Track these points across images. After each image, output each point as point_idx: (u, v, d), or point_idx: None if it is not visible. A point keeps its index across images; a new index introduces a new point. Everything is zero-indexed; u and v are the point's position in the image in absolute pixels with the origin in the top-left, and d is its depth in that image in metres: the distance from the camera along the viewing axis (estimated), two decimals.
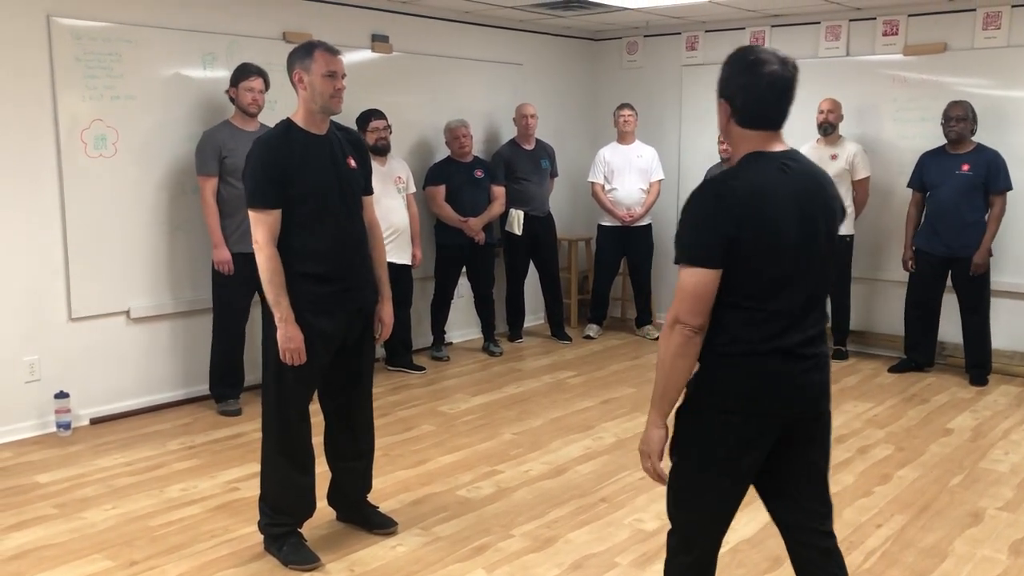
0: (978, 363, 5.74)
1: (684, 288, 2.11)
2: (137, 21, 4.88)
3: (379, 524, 3.52)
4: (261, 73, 4.93)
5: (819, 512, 2.33)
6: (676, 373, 2.16)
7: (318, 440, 3.39)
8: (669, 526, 2.36)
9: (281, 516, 3.27)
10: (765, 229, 2.10)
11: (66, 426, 4.70)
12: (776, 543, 3.42)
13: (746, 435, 2.18)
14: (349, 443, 3.46)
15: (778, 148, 2.19)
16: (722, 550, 3.36)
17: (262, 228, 3.07)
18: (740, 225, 2.08)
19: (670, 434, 2.24)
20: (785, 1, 6.12)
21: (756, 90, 2.13)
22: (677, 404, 2.24)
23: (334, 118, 3.25)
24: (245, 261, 4.85)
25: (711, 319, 2.13)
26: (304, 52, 3.12)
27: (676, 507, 2.32)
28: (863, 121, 6.40)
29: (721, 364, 2.17)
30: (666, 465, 2.26)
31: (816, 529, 2.33)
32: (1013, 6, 5.81)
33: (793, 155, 2.21)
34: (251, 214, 3.09)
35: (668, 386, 2.18)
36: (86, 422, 4.87)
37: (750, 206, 2.09)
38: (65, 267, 4.73)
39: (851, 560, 3.30)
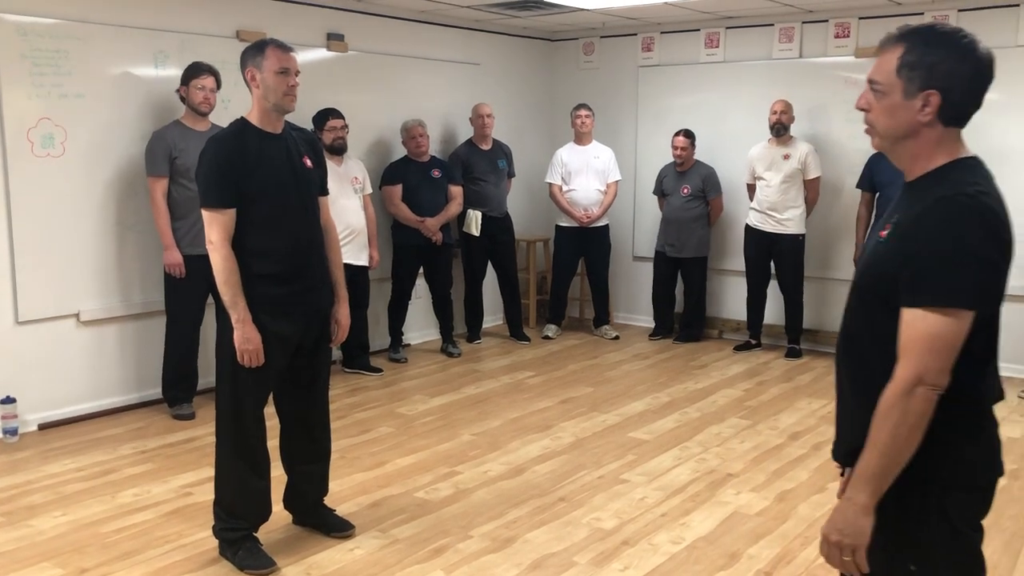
0: None
1: (939, 337, 1.61)
2: (86, 18, 4.79)
3: (336, 527, 3.48)
4: (212, 71, 4.86)
5: None
6: (908, 450, 1.66)
7: (273, 443, 3.35)
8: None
9: (236, 520, 3.22)
10: (1011, 257, 1.67)
11: (13, 432, 4.58)
12: (732, 540, 3.47)
13: (985, 511, 1.78)
14: (306, 446, 3.42)
15: (968, 153, 1.75)
16: (678, 547, 3.41)
17: (216, 227, 3.02)
18: (1004, 253, 1.64)
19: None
20: (739, 3, 6.19)
21: (976, 81, 1.67)
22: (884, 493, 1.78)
23: (289, 117, 3.22)
24: (198, 263, 4.78)
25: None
26: (256, 50, 3.08)
27: None
28: (815, 122, 6.50)
29: (962, 431, 1.71)
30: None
31: None
32: (959, 10, 5.94)
33: None
34: (205, 213, 3.04)
35: (893, 465, 1.67)
36: (34, 427, 4.75)
37: (1009, 229, 1.65)
38: (11, 269, 4.62)
39: (806, 555, 3.35)
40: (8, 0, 4.50)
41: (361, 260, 5.73)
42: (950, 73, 1.65)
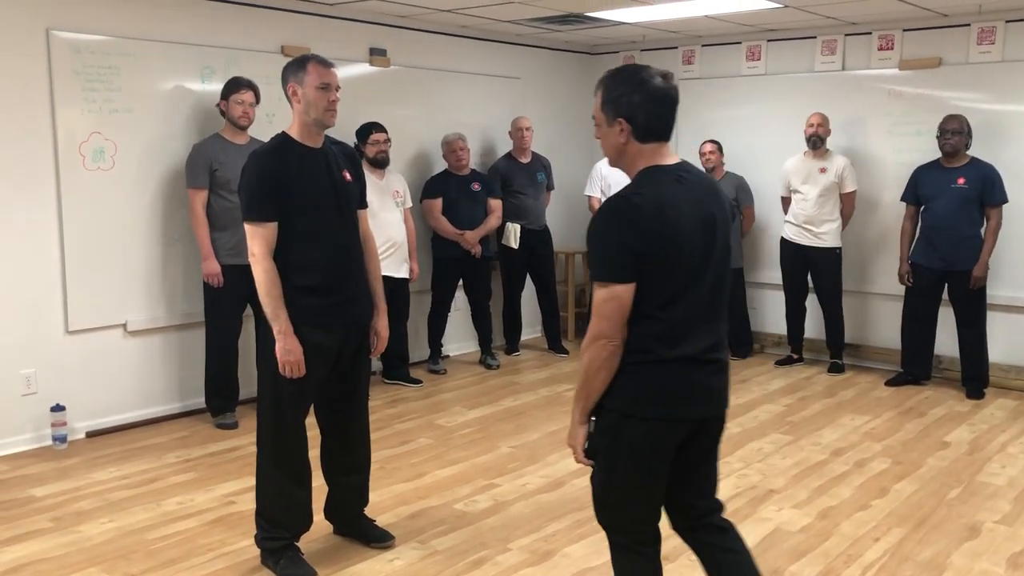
0: (975, 376, 5.74)
1: (601, 306, 2.23)
2: (136, 35, 4.90)
3: (376, 538, 3.51)
4: (252, 86, 4.95)
5: (708, 492, 2.51)
6: (597, 383, 2.29)
7: (314, 453, 3.38)
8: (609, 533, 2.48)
9: (278, 530, 3.26)
10: (670, 242, 2.21)
11: (62, 439, 4.68)
12: (773, 557, 3.43)
13: (660, 437, 2.32)
14: (345, 457, 3.45)
15: (671, 160, 2.31)
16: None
17: (259, 241, 3.07)
18: (647, 241, 2.19)
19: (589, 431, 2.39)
20: (781, 16, 6.15)
21: (653, 104, 2.25)
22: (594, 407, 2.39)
23: (333, 131, 3.26)
24: (237, 274, 4.86)
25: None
26: (298, 65, 3.13)
27: (613, 511, 2.44)
28: (856, 134, 6.43)
29: (636, 373, 2.28)
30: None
31: (709, 506, 2.50)
32: (1007, 21, 5.85)
33: (686, 166, 2.34)
34: (247, 227, 3.09)
35: (590, 393, 2.32)
36: (82, 435, 4.85)
37: (655, 221, 2.20)
38: (62, 280, 4.73)
39: (849, 573, 3.30)
40: (62, 18, 4.62)
41: (401, 272, 5.78)
42: (629, 103, 2.24)
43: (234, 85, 4.92)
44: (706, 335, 2.31)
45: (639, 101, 2.24)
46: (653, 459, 2.34)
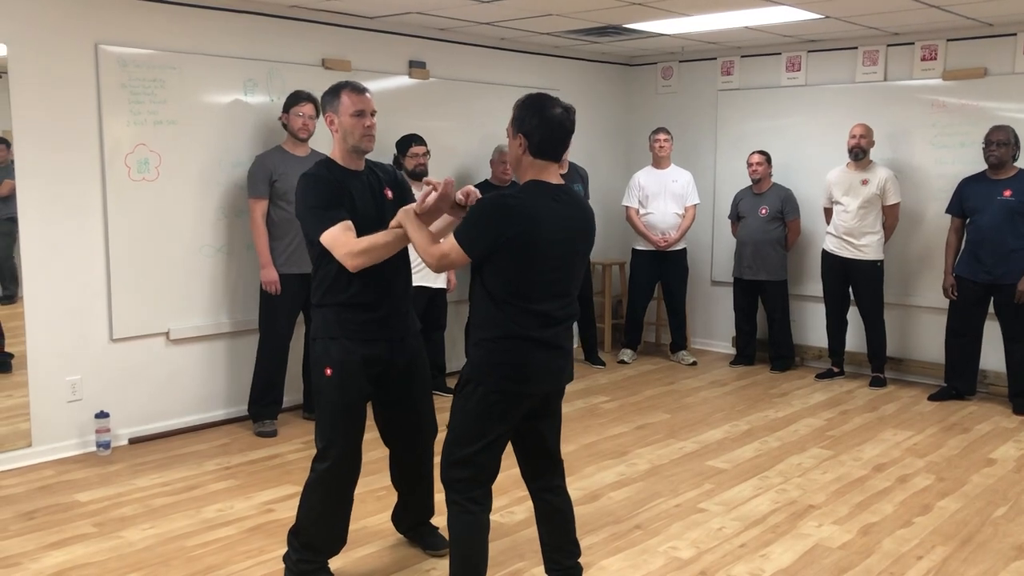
0: (1021, 392, 5.63)
1: (447, 254, 2.77)
2: (180, 48, 4.99)
3: (431, 545, 3.55)
4: (312, 99, 5.03)
5: (548, 468, 3.05)
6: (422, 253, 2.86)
7: (374, 455, 3.39)
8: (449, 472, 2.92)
9: (311, 552, 3.23)
10: (531, 242, 2.70)
11: (106, 445, 4.77)
12: (813, 573, 3.39)
13: (507, 404, 2.80)
14: (412, 471, 3.50)
15: (555, 180, 2.80)
16: None
17: (341, 240, 3.00)
18: (511, 233, 2.68)
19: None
20: (822, 26, 6.10)
21: (547, 129, 2.75)
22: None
23: (369, 156, 3.29)
24: (292, 282, 4.95)
25: (486, 313, 2.80)
26: (332, 94, 3.16)
27: (457, 467, 2.90)
28: (898, 146, 6.35)
29: (493, 350, 2.79)
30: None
31: (548, 483, 3.05)
32: None
33: (566, 189, 2.82)
34: (328, 236, 3.02)
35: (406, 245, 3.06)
36: (125, 442, 4.93)
37: (522, 221, 2.69)
38: (107, 288, 4.82)
39: None
40: (110, 33, 4.72)
41: (439, 283, 5.80)
42: (528, 124, 2.75)
43: (295, 98, 5.01)
44: (556, 324, 2.80)
45: (534, 124, 2.74)
46: (496, 421, 2.81)
